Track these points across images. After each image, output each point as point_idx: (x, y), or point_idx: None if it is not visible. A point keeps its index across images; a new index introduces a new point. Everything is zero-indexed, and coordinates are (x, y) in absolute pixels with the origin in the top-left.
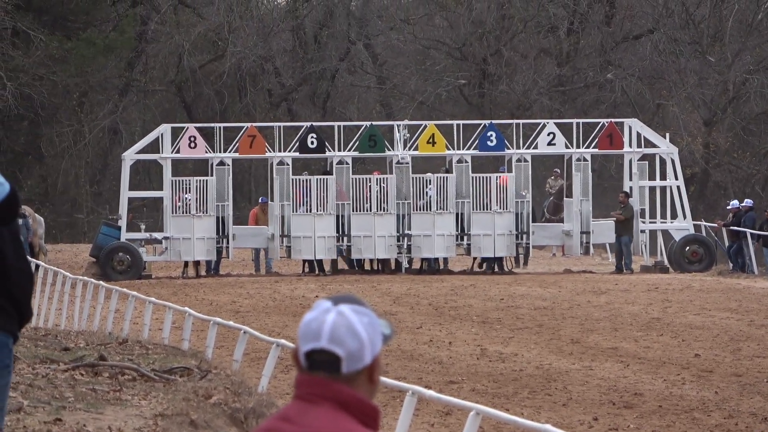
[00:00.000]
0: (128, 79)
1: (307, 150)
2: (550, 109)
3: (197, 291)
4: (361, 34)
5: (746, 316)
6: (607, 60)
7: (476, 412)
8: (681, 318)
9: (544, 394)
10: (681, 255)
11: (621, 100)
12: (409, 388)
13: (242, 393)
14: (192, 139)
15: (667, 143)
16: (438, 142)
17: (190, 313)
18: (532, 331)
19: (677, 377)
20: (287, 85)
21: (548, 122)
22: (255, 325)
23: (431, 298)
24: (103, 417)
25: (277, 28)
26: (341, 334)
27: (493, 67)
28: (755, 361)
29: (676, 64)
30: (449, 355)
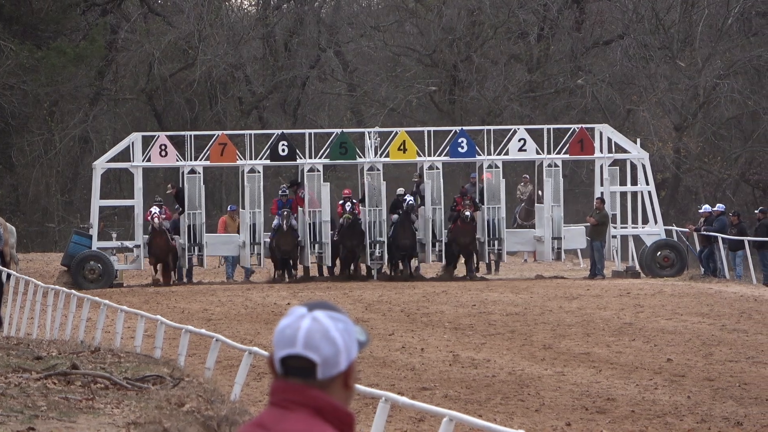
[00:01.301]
0: (98, 87)
1: (278, 158)
2: (521, 115)
3: (169, 299)
4: (331, 41)
5: (718, 320)
6: (577, 65)
7: (449, 419)
8: (653, 323)
9: (516, 399)
10: (652, 260)
11: (591, 105)
12: (381, 395)
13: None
14: (163, 148)
15: (637, 148)
16: (409, 148)
17: (162, 321)
18: (505, 337)
19: (650, 382)
20: (258, 93)
21: (519, 128)
22: (227, 333)
23: (403, 304)
24: (75, 426)
25: (248, 36)
26: (316, 340)
27: (463, 73)
28: (727, 365)
29: (646, 69)
30: (422, 362)
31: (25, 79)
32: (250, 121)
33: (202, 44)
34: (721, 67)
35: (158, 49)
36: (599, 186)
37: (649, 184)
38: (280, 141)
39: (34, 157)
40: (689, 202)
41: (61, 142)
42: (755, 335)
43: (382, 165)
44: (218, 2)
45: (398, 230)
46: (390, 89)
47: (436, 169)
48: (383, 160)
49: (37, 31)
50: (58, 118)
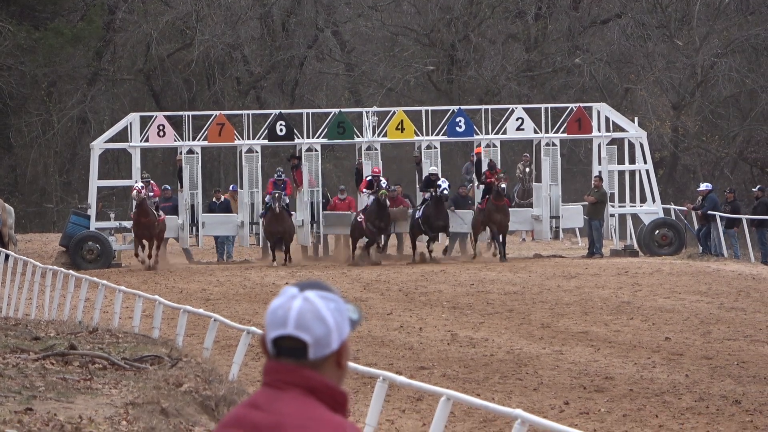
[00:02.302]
0: (96, 68)
1: (275, 137)
2: (519, 94)
3: (167, 279)
4: (329, 21)
5: (716, 299)
6: (575, 45)
7: (447, 398)
8: (651, 301)
9: (514, 378)
10: (650, 239)
11: (589, 84)
12: (379, 374)
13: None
14: (161, 128)
15: (635, 127)
16: (407, 128)
17: (160, 302)
18: (503, 316)
19: (648, 361)
20: (255, 73)
21: (517, 107)
22: (225, 313)
23: (401, 284)
24: (73, 406)
25: (245, 16)
26: (307, 320)
27: (461, 52)
28: (725, 343)
29: (643, 48)
30: (420, 341)
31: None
32: (248, 101)
33: (199, 24)
34: (718, 46)
35: (156, 29)
36: (597, 165)
37: (647, 162)
38: (278, 121)
39: (32, 137)
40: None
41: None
42: (753, 314)
43: (380, 144)
44: None
45: (431, 210)
46: (388, 69)
47: (434, 149)
48: (381, 139)
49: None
50: (56, 99)
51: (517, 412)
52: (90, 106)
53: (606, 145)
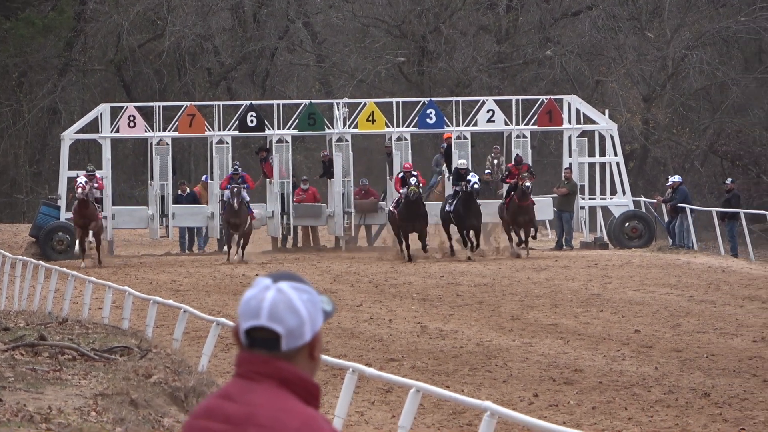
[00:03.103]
0: (67, 58)
1: (246, 128)
2: (490, 86)
3: (137, 270)
4: (300, 12)
5: (686, 291)
6: (546, 37)
7: (416, 390)
8: (621, 294)
9: (484, 371)
10: (620, 231)
11: (560, 76)
12: (349, 366)
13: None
14: (131, 119)
15: (606, 119)
16: (378, 119)
17: (130, 293)
18: (472, 308)
19: (617, 353)
20: (226, 64)
21: (487, 99)
22: (195, 304)
23: (371, 275)
24: (43, 397)
25: (216, 6)
26: (280, 312)
27: (432, 44)
28: (695, 336)
29: (614, 40)
30: (389, 333)
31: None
32: (219, 92)
33: (170, 15)
34: (689, 38)
35: (127, 19)
36: (567, 157)
37: (618, 155)
38: (249, 112)
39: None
40: (657, 173)
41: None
42: (723, 306)
43: (351, 136)
44: None
45: (463, 209)
46: (359, 60)
47: (405, 140)
48: (352, 131)
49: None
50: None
51: (487, 404)
52: (60, 97)
53: (576, 137)
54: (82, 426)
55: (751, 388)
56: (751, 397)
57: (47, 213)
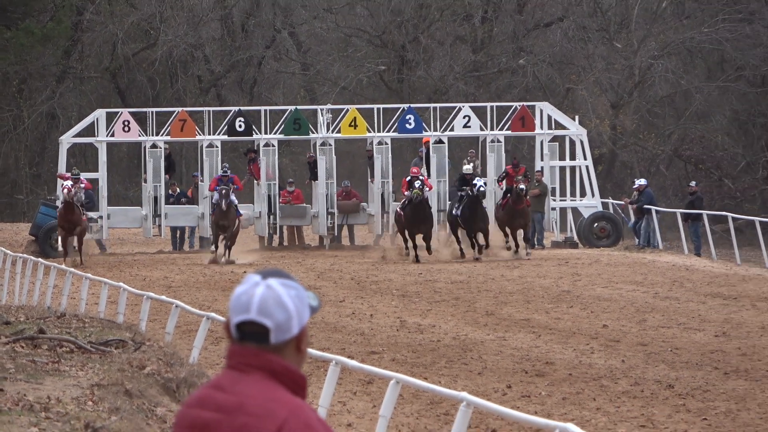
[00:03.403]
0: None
1: (235, 133)
2: (466, 93)
3: (131, 267)
4: (286, 22)
5: (651, 288)
6: (519, 46)
7: (396, 381)
8: (590, 291)
9: (460, 363)
10: (590, 231)
11: (533, 84)
12: (332, 359)
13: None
14: (126, 124)
15: (576, 125)
16: (359, 125)
17: (125, 288)
18: (449, 303)
19: (586, 347)
20: (216, 72)
21: (464, 106)
22: (186, 300)
23: (353, 273)
24: (42, 387)
25: (207, 17)
26: (269, 307)
27: (411, 53)
28: (660, 331)
29: (584, 50)
30: (371, 327)
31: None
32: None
33: (163, 25)
34: (655, 48)
35: (122, 29)
36: (539, 161)
37: (587, 159)
38: (237, 117)
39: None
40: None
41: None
42: (686, 302)
43: (334, 140)
44: None
45: (469, 213)
46: (341, 68)
47: (385, 145)
48: (335, 135)
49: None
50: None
51: (463, 394)
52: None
53: (548, 142)
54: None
55: (712, 380)
56: (712, 389)
57: (46, 213)
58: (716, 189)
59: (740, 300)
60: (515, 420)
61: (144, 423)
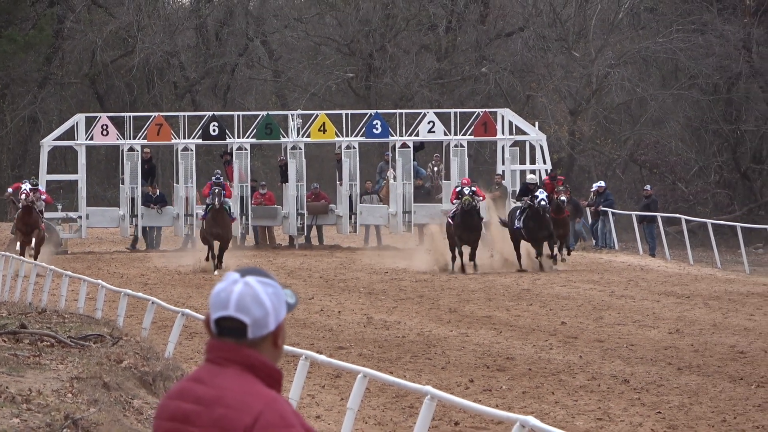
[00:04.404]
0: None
1: (209, 137)
2: (430, 99)
3: (109, 265)
4: (258, 31)
5: (608, 287)
6: (481, 55)
7: (363, 375)
8: (548, 289)
9: (424, 358)
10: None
11: (494, 91)
12: (302, 353)
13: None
14: (104, 127)
15: (536, 131)
16: (328, 129)
17: (103, 285)
18: (414, 301)
19: (545, 343)
20: (191, 78)
21: (428, 112)
22: (162, 296)
23: (322, 271)
24: (24, 380)
25: (182, 26)
26: (247, 303)
27: (378, 61)
28: (616, 328)
29: (544, 59)
30: (339, 323)
31: None
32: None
33: (140, 33)
34: (612, 58)
35: (100, 37)
36: (501, 165)
37: (546, 163)
38: (211, 122)
39: None
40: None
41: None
42: (641, 301)
43: (304, 144)
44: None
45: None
46: (311, 75)
47: (353, 149)
48: (305, 140)
49: None
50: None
51: (427, 388)
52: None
53: (509, 146)
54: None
55: (666, 375)
56: (666, 384)
57: None
58: (670, 192)
59: (693, 298)
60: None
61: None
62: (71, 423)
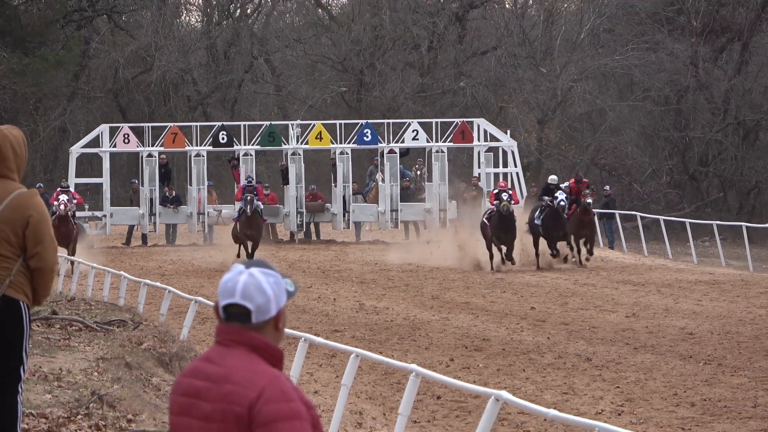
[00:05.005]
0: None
1: (218, 144)
2: (414, 111)
3: (131, 258)
4: (262, 51)
5: (572, 276)
6: (460, 71)
7: (356, 355)
8: (520, 278)
9: (410, 340)
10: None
11: (471, 103)
12: (301, 336)
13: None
14: (126, 136)
15: (508, 138)
16: (324, 137)
17: (125, 276)
18: (401, 289)
19: (517, 326)
20: (202, 92)
21: (413, 122)
22: (177, 286)
23: (319, 263)
24: (55, 360)
25: (194, 46)
26: (251, 292)
27: (368, 77)
28: (579, 312)
29: (515, 74)
30: (334, 309)
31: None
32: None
33: (157, 53)
34: (575, 73)
35: (122, 56)
36: (477, 168)
37: (517, 166)
38: (221, 131)
39: None
40: None
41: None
42: (602, 288)
43: (303, 151)
44: (171, 19)
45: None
46: (309, 90)
47: (346, 154)
48: (303, 146)
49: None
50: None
51: (412, 366)
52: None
53: (484, 152)
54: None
55: (624, 354)
56: (624, 361)
57: None
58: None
59: (647, 286)
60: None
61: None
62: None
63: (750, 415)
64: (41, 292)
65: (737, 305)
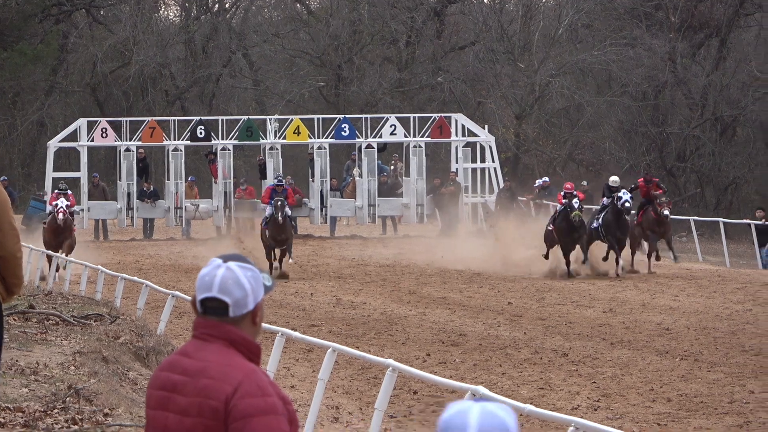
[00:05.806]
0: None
1: (196, 139)
2: (392, 105)
3: (108, 252)
4: (240, 45)
5: None
6: (438, 66)
7: (333, 350)
8: (497, 273)
9: (387, 335)
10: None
11: (449, 98)
12: (278, 330)
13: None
14: (104, 130)
15: (486, 133)
16: (302, 132)
17: (102, 270)
18: (378, 284)
19: (494, 321)
20: (180, 87)
21: (390, 116)
22: (154, 280)
23: (296, 257)
24: (32, 354)
25: (173, 41)
26: (229, 286)
27: (346, 72)
28: (556, 307)
29: (493, 69)
30: (311, 304)
31: None
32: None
33: (136, 47)
34: (553, 68)
35: (100, 51)
36: (455, 163)
37: (495, 162)
38: (199, 126)
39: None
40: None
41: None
42: (579, 283)
43: (281, 145)
44: (149, 13)
45: (612, 221)
46: (287, 84)
47: (324, 149)
48: (281, 141)
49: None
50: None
51: (389, 361)
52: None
53: (462, 147)
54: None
55: (601, 349)
56: (600, 357)
57: (35, 206)
58: None
59: (624, 281)
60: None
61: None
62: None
63: (726, 411)
64: (11, 280)
65: (714, 301)
